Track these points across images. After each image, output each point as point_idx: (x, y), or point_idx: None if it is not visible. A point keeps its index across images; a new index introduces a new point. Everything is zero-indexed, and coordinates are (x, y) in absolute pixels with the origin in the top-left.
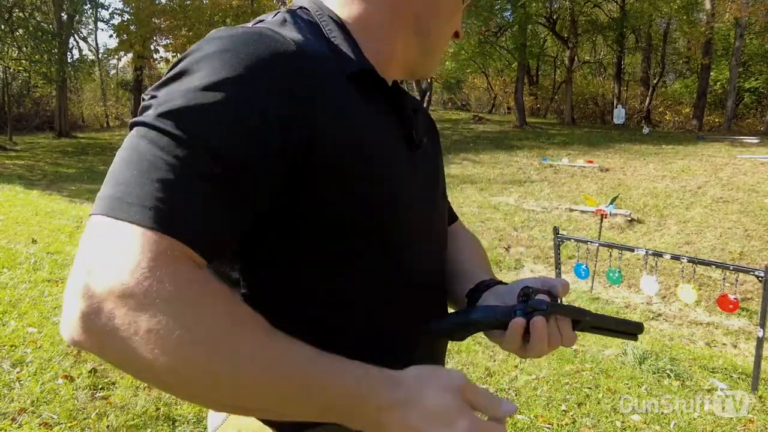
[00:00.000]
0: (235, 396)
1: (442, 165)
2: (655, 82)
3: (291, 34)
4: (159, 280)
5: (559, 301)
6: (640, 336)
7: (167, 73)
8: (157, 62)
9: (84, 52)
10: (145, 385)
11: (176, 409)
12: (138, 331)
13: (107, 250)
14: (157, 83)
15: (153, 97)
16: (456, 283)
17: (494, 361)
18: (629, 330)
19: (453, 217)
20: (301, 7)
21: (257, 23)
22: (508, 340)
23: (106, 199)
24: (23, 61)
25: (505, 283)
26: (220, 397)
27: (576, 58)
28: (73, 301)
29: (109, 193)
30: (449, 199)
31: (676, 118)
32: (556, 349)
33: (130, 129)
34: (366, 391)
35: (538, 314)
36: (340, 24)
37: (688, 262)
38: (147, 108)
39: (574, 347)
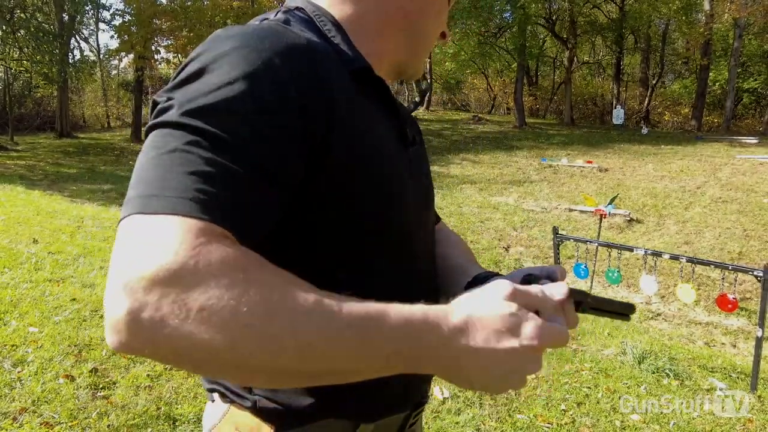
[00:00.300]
0: (301, 358)
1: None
2: (654, 82)
3: (297, 30)
4: (206, 255)
5: None
6: (633, 317)
7: (179, 74)
8: (158, 63)
9: (85, 53)
10: (146, 384)
11: (177, 408)
12: (190, 313)
13: (145, 243)
14: (170, 85)
15: (169, 99)
16: (451, 278)
17: None
18: (623, 311)
19: (437, 217)
20: (297, 8)
21: (262, 20)
22: None
23: (136, 199)
24: (25, 62)
25: (502, 275)
26: (287, 363)
27: (575, 58)
28: (114, 303)
29: (138, 193)
30: (449, 199)
31: (675, 119)
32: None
33: (148, 132)
34: (424, 326)
35: None
36: (335, 23)
37: (687, 261)
38: (167, 109)
39: (573, 346)
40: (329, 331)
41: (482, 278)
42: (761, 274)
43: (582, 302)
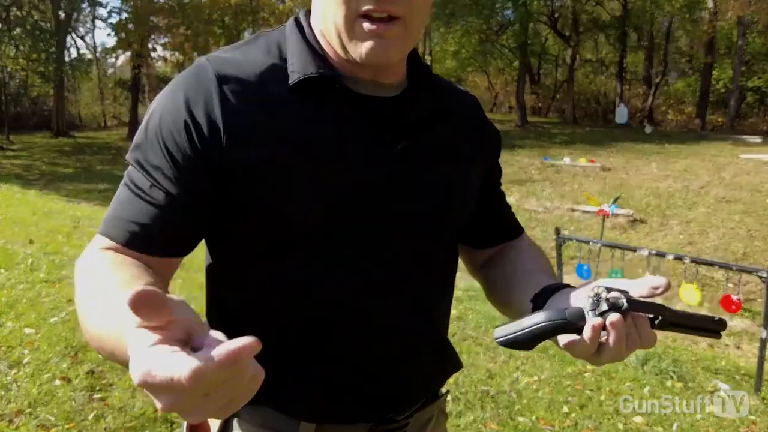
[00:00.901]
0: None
1: (468, 174)
2: (657, 80)
3: (231, 55)
4: (83, 268)
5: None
6: (722, 333)
7: None
8: (155, 61)
9: (82, 51)
10: None
11: None
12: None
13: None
14: None
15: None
16: (517, 291)
17: (495, 363)
18: (710, 327)
19: (515, 230)
20: (282, 26)
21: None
22: (583, 346)
23: None
24: (21, 60)
25: (574, 287)
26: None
27: (578, 56)
28: None
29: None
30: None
31: (678, 118)
32: (632, 352)
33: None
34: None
35: (613, 312)
36: (305, 37)
37: (691, 262)
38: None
39: None
40: (102, 338)
41: (551, 290)
42: (766, 275)
43: (656, 318)
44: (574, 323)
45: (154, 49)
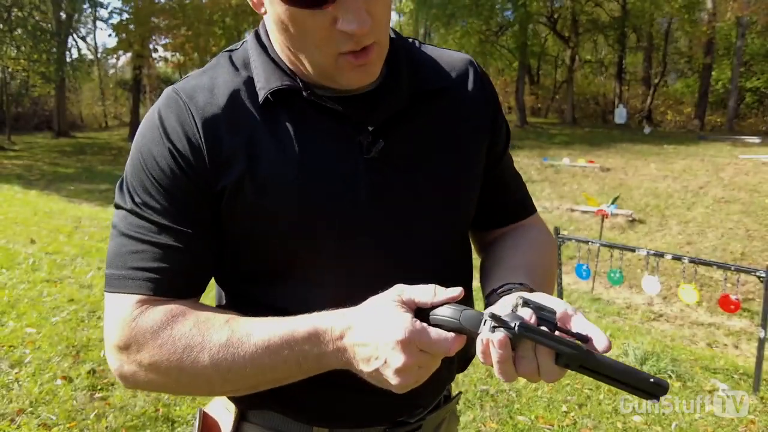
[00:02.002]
0: (227, 382)
1: (469, 157)
2: (656, 81)
3: (198, 82)
4: (141, 325)
5: (556, 331)
6: (660, 394)
7: None
8: (156, 61)
9: (83, 52)
10: None
11: (175, 410)
12: (143, 367)
13: (108, 318)
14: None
15: (125, 172)
16: (487, 285)
17: None
18: (643, 386)
19: (520, 212)
20: (245, 41)
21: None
22: (480, 355)
23: (106, 276)
24: (22, 61)
25: (525, 290)
26: (220, 387)
27: (577, 57)
28: (109, 362)
29: (106, 269)
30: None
31: (677, 118)
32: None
33: (116, 208)
34: (322, 327)
35: (501, 330)
36: (267, 52)
37: (690, 262)
38: (119, 186)
39: None
40: (242, 359)
41: (507, 289)
42: (764, 275)
43: (563, 355)
44: (466, 329)
45: (155, 50)
